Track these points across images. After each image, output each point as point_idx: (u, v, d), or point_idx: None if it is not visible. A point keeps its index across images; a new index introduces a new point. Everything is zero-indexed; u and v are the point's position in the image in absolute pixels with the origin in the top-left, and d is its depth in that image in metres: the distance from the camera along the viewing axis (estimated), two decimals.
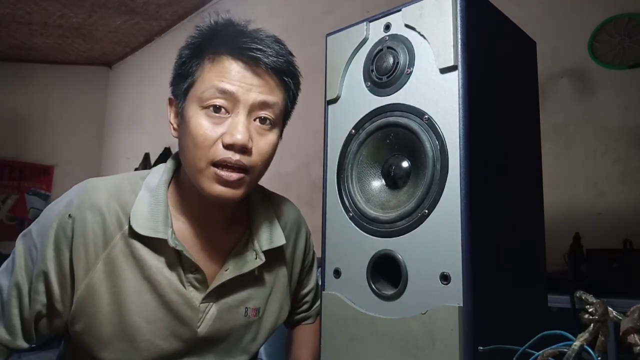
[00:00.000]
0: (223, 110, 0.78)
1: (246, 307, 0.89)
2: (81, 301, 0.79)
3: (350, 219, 0.74)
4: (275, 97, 0.82)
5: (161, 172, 0.88)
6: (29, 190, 5.43)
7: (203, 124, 0.78)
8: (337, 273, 0.75)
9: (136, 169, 4.55)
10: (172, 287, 0.81)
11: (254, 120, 0.80)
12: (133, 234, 0.80)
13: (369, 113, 0.75)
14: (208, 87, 0.78)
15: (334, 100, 0.80)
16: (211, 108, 0.78)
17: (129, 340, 0.79)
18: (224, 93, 0.78)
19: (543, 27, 2.11)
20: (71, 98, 5.61)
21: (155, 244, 0.81)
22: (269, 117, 0.81)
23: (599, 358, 0.48)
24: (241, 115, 0.78)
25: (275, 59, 0.81)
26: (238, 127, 0.77)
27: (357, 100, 0.77)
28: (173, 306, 0.81)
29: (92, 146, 5.74)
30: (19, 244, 0.81)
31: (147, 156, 4.58)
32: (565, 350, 0.49)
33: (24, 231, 0.83)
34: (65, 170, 5.48)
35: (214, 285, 0.84)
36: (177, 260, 0.82)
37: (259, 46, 0.80)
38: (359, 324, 0.70)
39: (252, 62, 0.80)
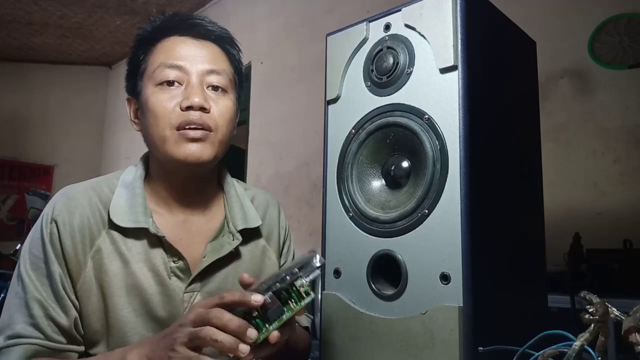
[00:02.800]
0: (176, 83, 0.84)
1: None
2: (79, 301, 0.80)
3: (350, 219, 0.74)
4: (221, 65, 0.88)
5: (134, 169, 0.91)
6: (29, 190, 5.43)
7: (160, 97, 0.83)
8: (337, 273, 0.75)
9: None
10: (155, 279, 0.82)
11: (206, 88, 0.85)
12: (115, 228, 0.82)
13: (369, 113, 0.75)
14: (157, 65, 0.84)
15: (334, 100, 0.80)
16: (165, 83, 0.84)
17: (121, 335, 0.80)
18: (173, 67, 0.84)
19: (543, 27, 2.11)
20: (71, 98, 5.62)
21: (138, 236, 0.83)
22: (220, 84, 0.87)
23: (599, 358, 0.48)
24: (194, 82, 0.84)
25: (212, 28, 0.88)
26: (193, 91, 0.83)
27: (357, 100, 0.77)
28: (158, 298, 0.82)
29: (92, 146, 5.75)
30: (25, 268, 0.79)
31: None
32: (566, 350, 0.49)
33: (20, 256, 0.82)
34: (65, 170, 5.48)
35: (194, 273, 0.84)
36: (159, 249, 0.83)
37: (196, 17, 0.89)
38: (359, 324, 0.70)
39: (193, 34, 0.87)
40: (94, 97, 5.79)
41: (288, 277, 0.65)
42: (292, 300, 0.65)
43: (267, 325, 0.63)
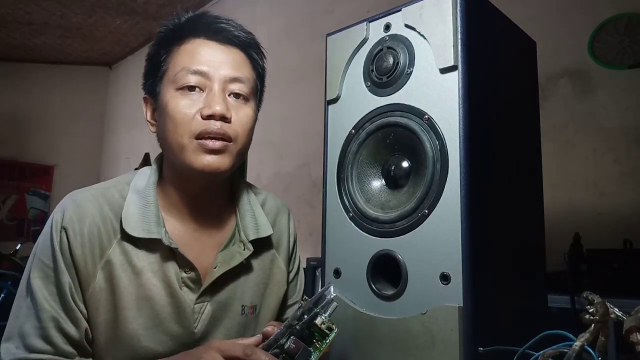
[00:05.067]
0: (197, 89, 0.82)
1: (243, 305, 0.88)
2: (87, 312, 0.79)
3: (350, 219, 0.74)
4: (244, 72, 0.85)
5: (148, 174, 0.88)
6: (29, 190, 5.43)
7: (180, 103, 0.81)
8: (337, 273, 0.75)
9: (136, 170, 4.55)
10: (166, 290, 0.81)
11: (228, 95, 0.83)
12: (127, 238, 0.80)
13: (369, 113, 0.75)
14: (179, 69, 0.82)
15: (334, 100, 0.80)
16: (186, 88, 0.81)
17: (129, 347, 0.79)
18: (196, 73, 0.81)
19: (543, 27, 2.11)
20: (71, 98, 5.62)
21: (149, 247, 0.81)
22: (242, 92, 0.84)
23: (600, 358, 0.48)
24: (215, 89, 0.81)
25: (239, 33, 0.86)
26: (215, 99, 0.80)
27: (357, 100, 0.77)
28: (168, 310, 0.81)
29: (92, 146, 5.75)
30: (34, 275, 0.78)
31: (147, 156, 4.57)
32: (566, 350, 0.49)
33: (28, 265, 0.81)
34: (65, 170, 5.49)
35: (205, 284, 0.83)
36: (171, 260, 0.82)
37: (223, 20, 0.86)
38: (359, 324, 0.70)
39: (219, 38, 0.84)
40: (94, 97, 5.79)
41: (306, 316, 0.64)
42: (316, 339, 0.63)
43: None
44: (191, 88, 0.81)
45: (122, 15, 4.46)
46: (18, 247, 4.15)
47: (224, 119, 0.80)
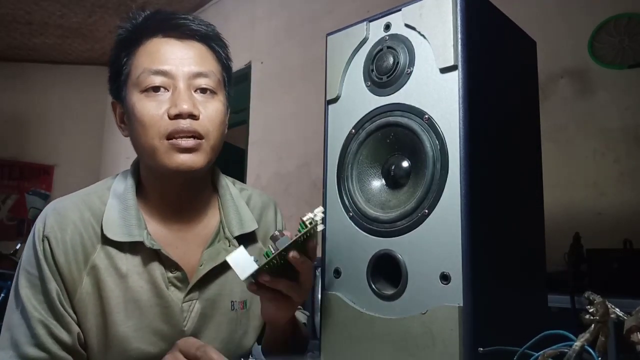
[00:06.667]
0: (162, 89, 0.80)
1: (232, 301, 0.88)
2: (77, 317, 0.80)
3: (350, 219, 0.74)
4: (208, 66, 0.84)
5: (125, 178, 0.88)
6: (29, 190, 5.43)
7: (146, 105, 0.79)
8: (337, 273, 0.75)
9: None
10: (153, 291, 0.81)
11: (195, 92, 0.82)
12: (110, 243, 0.80)
13: (369, 113, 0.75)
14: (141, 71, 0.80)
15: (334, 100, 0.80)
16: (150, 89, 0.80)
17: (121, 350, 0.80)
18: (158, 73, 0.80)
19: (543, 27, 2.11)
20: (71, 98, 5.62)
21: (133, 250, 0.81)
22: (208, 86, 0.83)
23: (600, 358, 0.48)
24: (180, 87, 0.80)
25: (199, 26, 0.84)
26: (181, 97, 0.79)
27: (357, 100, 0.77)
28: (156, 310, 0.81)
29: (92, 146, 5.75)
30: (22, 286, 0.79)
31: None
32: (566, 350, 0.49)
33: (16, 274, 0.81)
34: (65, 170, 5.49)
35: (192, 282, 0.83)
36: (156, 261, 0.82)
37: (180, 16, 0.84)
38: (359, 324, 0.70)
39: (177, 34, 0.82)
40: (94, 97, 5.78)
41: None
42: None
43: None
44: (156, 89, 0.80)
45: (122, 15, 4.46)
46: (18, 247, 4.15)
47: (192, 116, 0.79)
